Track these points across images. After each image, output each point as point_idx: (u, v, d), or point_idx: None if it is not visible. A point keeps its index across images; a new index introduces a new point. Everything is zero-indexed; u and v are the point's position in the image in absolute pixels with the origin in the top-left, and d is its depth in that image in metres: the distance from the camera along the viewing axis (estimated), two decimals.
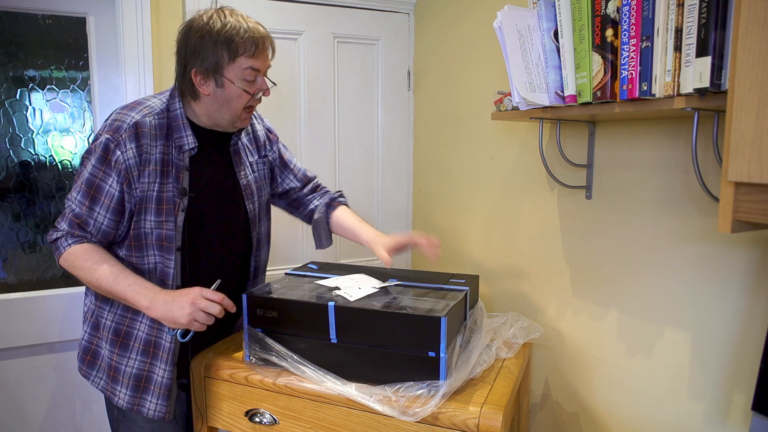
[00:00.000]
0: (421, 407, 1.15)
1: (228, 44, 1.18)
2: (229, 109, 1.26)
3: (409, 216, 2.28)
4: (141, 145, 1.21)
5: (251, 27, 1.22)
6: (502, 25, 1.26)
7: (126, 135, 1.20)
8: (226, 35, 1.18)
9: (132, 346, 1.29)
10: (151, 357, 1.29)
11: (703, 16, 0.92)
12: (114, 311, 1.30)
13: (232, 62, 1.20)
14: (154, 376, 1.29)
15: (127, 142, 1.20)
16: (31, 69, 1.82)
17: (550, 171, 1.50)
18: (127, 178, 1.21)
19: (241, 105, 1.25)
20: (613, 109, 1.13)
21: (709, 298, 1.24)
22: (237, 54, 1.20)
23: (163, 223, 1.25)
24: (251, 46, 1.21)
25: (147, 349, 1.29)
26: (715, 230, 1.22)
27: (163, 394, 1.29)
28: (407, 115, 2.22)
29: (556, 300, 1.63)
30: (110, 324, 1.30)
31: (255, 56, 1.22)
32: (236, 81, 1.22)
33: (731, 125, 0.75)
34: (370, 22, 2.11)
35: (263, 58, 1.25)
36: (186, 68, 1.23)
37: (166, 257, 1.27)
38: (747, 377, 1.17)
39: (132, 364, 1.29)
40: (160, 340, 1.29)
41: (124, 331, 1.30)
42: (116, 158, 1.20)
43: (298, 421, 1.29)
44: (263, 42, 1.23)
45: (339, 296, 1.33)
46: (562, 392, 1.63)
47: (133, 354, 1.29)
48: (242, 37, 1.19)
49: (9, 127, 1.82)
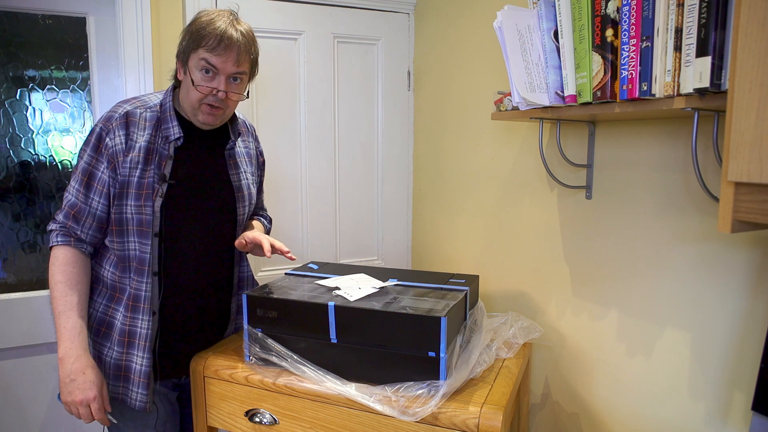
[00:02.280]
0: (421, 407, 1.15)
1: (195, 34, 1.25)
2: (188, 98, 1.30)
3: (409, 216, 2.28)
4: (129, 133, 1.28)
5: (226, 28, 1.24)
6: (502, 25, 1.26)
7: (116, 123, 1.28)
8: (198, 25, 1.25)
9: (111, 336, 1.34)
10: (126, 346, 1.32)
11: (703, 16, 0.92)
12: (100, 301, 1.35)
13: (194, 51, 1.26)
14: (133, 365, 1.32)
15: (116, 130, 1.28)
16: (31, 69, 1.82)
17: (550, 171, 1.50)
18: (113, 163, 1.27)
19: (195, 97, 1.28)
20: (613, 109, 1.13)
21: (709, 298, 1.24)
22: (198, 45, 1.24)
23: (142, 207, 1.29)
24: (213, 40, 1.23)
25: (122, 339, 1.33)
26: (715, 230, 1.22)
27: (142, 383, 1.31)
28: (407, 115, 2.22)
29: (556, 300, 1.63)
30: (95, 314, 1.35)
31: (213, 52, 1.24)
32: (194, 70, 1.27)
33: (731, 125, 0.75)
34: (370, 22, 2.11)
35: (224, 58, 1.25)
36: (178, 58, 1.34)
37: (143, 242, 1.30)
38: (747, 377, 1.17)
39: (111, 354, 1.33)
40: (135, 328, 1.32)
41: (106, 321, 1.34)
42: (105, 144, 1.27)
43: (298, 421, 1.29)
44: (228, 43, 1.24)
45: (339, 296, 1.33)
46: (562, 392, 1.63)
47: (113, 345, 1.33)
48: (208, 31, 1.24)
49: (9, 127, 1.82)
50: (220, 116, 1.33)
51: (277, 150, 2.03)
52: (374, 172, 2.22)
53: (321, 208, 2.13)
